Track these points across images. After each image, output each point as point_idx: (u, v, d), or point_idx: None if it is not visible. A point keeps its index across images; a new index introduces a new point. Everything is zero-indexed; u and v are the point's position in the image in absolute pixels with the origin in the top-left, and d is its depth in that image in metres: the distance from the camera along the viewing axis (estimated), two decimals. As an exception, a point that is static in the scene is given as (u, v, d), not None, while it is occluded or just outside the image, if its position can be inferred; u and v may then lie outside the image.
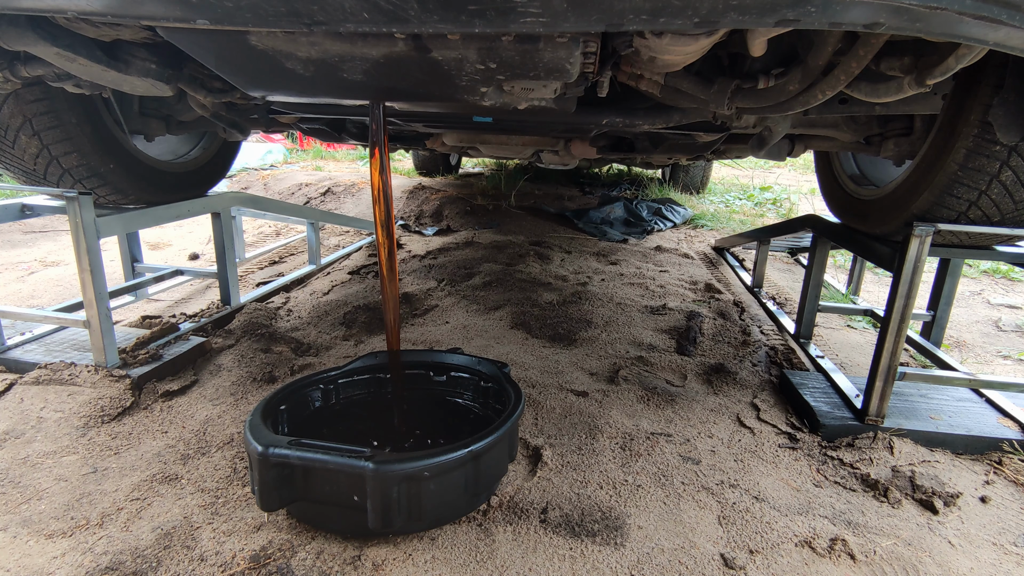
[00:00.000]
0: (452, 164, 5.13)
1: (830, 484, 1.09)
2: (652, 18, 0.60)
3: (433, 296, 2.08)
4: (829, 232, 1.60)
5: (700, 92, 0.98)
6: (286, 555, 0.85)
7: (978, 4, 0.56)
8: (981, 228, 1.12)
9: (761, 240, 2.29)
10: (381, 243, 1.03)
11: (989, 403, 1.32)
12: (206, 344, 1.51)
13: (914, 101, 1.12)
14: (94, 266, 1.29)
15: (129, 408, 1.22)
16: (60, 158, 1.37)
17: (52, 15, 0.78)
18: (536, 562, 0.85)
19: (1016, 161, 1.02)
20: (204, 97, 1.15)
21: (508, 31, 0.64)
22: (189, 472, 1.04)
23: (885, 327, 1.18)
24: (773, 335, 1.85)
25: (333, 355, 1.55)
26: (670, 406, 1.34)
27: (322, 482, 0.83)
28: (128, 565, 0.82)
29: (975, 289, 2.61)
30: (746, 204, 4.57)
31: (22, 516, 0.92)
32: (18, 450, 1.08)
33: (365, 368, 1.18)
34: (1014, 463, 1.16)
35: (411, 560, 0.85)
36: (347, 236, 3.16)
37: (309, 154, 6.76)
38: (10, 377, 1.29)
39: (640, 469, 1.09)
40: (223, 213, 1.72)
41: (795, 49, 0.92)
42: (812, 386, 1.37)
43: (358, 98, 1.01)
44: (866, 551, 0.91)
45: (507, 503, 0.97)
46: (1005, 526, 1.00)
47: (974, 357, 1.87)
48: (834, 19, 0.59)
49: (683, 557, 0.88)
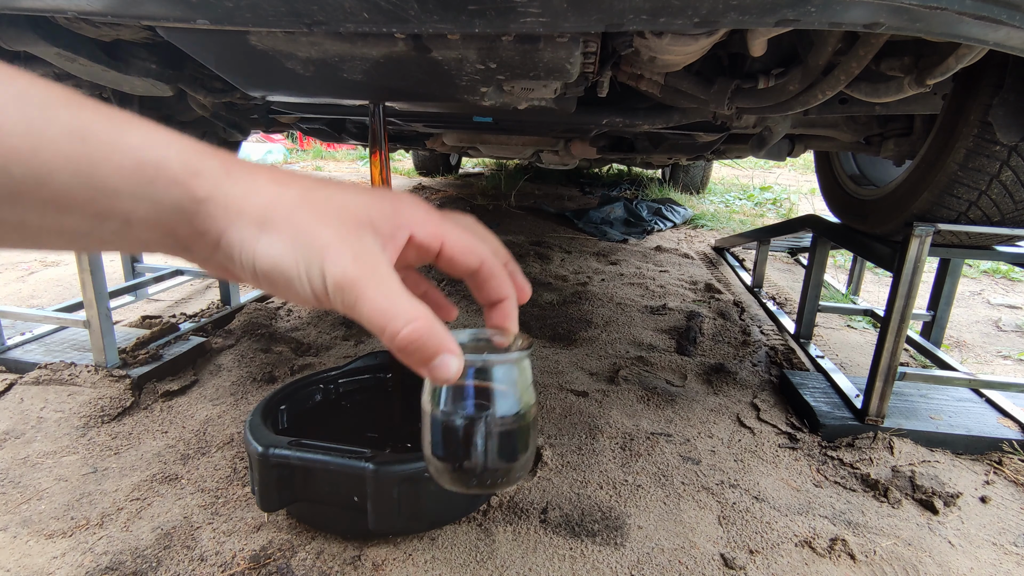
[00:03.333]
0: (452, 164, 5.13)
1: (830, 484, 1.09)
2: (652, 18, 0.60)
3: (433, 296, 2.08)
4: (829, 232, 1.60)
5: (700, 92, 0.98)
6: (286, 555, 0.85)
7: (978, 4, 0.56)
8: (981, 228, 1.12)
9: (761, 240, 2.29)
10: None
11: (989, 403, 1.32)
12: (206, 344, 1.51)
13: (914, 101, 1.12)
14: (94, 266, 1.29)
15: (129, 408, 1.22)
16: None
17: (52, 15, 0.78)
18: (536, 562, 0.85)
19: (1016, 161, 1.02)
20: (204, 97, 1.15)
21: (508, 31, 0.64)
22: (189, 472, 1.04)
23: (885, 327, 1.18)
24: (773, 335, 1.85)
25: (333, 355, 1.55)
26: (670, 406, 1.34)
27: (322, 482, 0.83)
28: (128, 565, 0.82)
29: (975, 289, 2.61)
30: (746, 204, 4.57)
31: (22, 516, 0.92)
32: (18, 450, 1.08)
33: (365, 368, 1.18)
34: (1014, 463, 1.16)
35: (411, 560, 0.85)
36: (347, 236, 3.16)
37: (309, 154, 6.76)
38: (10, 377, 1.29)
39: (640, 469, 1.09)
40: (223, 213, 1.72)
41: (795, 49, 0.92)
42: (812, 386, 1.37)
43: (358, 98, 1.01)
44: (866, 551, 0.91)
45: (507, 503, 0.97)
46: (1005, 526, 1.00)
47: (974, 357, 1.87)
48: (834, 19, 0.59)
49: (683, 557, 0.88)
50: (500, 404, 0.38)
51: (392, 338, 0.29)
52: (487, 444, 0.37)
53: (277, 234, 0.29)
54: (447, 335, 0.31)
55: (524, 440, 0.39)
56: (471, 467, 0.37)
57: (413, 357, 0.30)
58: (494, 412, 0.37)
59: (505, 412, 0.37)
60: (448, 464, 0.38)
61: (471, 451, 0.37)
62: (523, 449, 0.39)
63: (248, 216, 0.29)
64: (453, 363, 0.31)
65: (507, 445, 0.38)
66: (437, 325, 0.30)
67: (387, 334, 0.29)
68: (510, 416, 0.38)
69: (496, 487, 0.39)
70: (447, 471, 0.38)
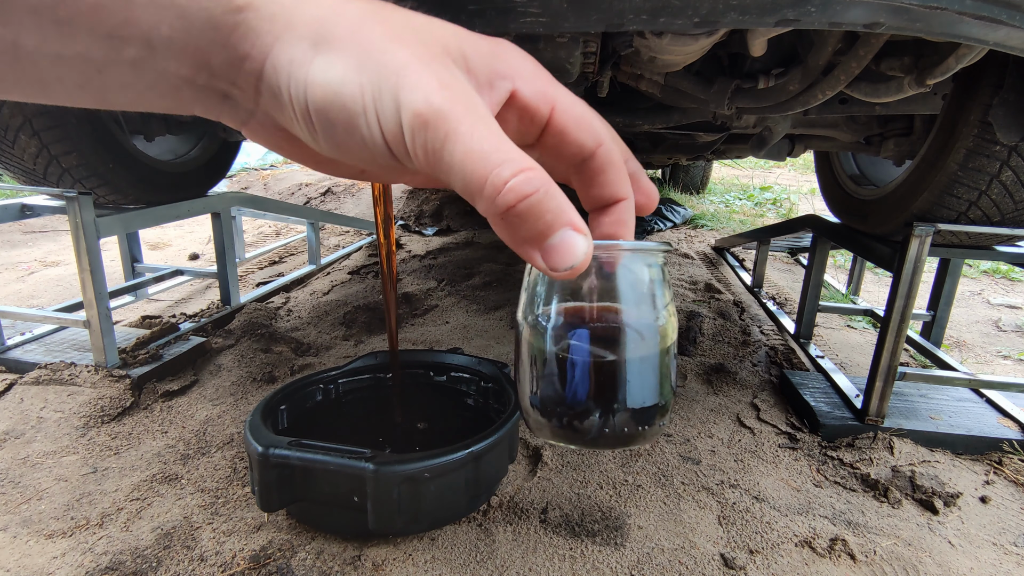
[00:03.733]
0: (452, 164, 5.13)
1: (830, 484, 1.09)
2: (652, 18, 0.60)
3: (433, 296, 2.08)
4: (829, 232, 1.60)
5: (700, 92, 0.98)
6: (286, 555, 0.85)
7: (978, 4, 0.56)
8: (981, 228, 1.12)
9: (761, 240, 2.29)
10: (381, 243, 1.03)
11: (989, 403, 1.32)
12: (206, 344, 1.51)
13: (914, 101, 1.12)
14: (94, 266, 1.29)
15: (129, 408, 1.22)
16: (60, 158, 1.37)
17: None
18: (536, 562, 0.85)
19: (1016, 161, 1.02)
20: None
21: (508, 31, 0.64)
22: (189, 472, 1.04)
23: (885, 327, 1.18)
24: (773, 335, 1.85)
25: (333, 355, 1.55)
26: (670, 406, 1.34)
27: (322, 483, 0.83)
28: (128, 565, 0.82)
29: (975, 289, 2.61)
30: (746, 204, 4.57)
31: (22, 516, 0.92)
32: (18, 450, 1.08)
33: (365, 368, 1.18)
34: (1014, 463, 1.16)
35: (411, 560, 0.85)
36: (347, 236, 3.16)
37: (309, 154, 6.75)
38: (10, 377, 1.29)
39: (640, 469, 1.09)
40: (223, 213, 1.72)
41: (795, 49, 0.92)
42: (812, 386, 1.37)
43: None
44: (866, 551, 0.91)
45: (507, 503, 0.97)
46: (1005, 526, 1.00)
47: (974, 357, 1.87)
48: (834, 19, 0.59)
49: (683, 557, 0.88)
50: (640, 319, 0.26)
51: (496, 192, 0.20)
52: (622, 378, 0.26)
53: (337, 53, 0.21)
54: (569, 204, 0.21)
55: (668, 373, 0.28)
56: (596, 409, 0.26)
57: (524, 226, 0.21)
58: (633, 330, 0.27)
59: (646, 330, 0.27)
60: (563, 409, 0.27)
61: (599, 389, 0.26)
62: (666, 386, 0.28)
63: (300, 30, 0.21)
64: (580, 243, 0.21)
65: (647, 378, 0.27)
66: (556, 187, 0.21)
67: (489, 187, 0.20)
68: (651, 337, 0.27)
69: (629, 441, 0.28)
70: (560, 418, 0.27)
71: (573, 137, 0.25)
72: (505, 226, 0.21)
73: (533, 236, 0.21)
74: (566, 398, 0.26)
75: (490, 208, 0.21)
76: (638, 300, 0.27)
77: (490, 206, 0.21)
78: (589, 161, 0.26)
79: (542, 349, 0.27)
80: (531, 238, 0.21)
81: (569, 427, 0.27)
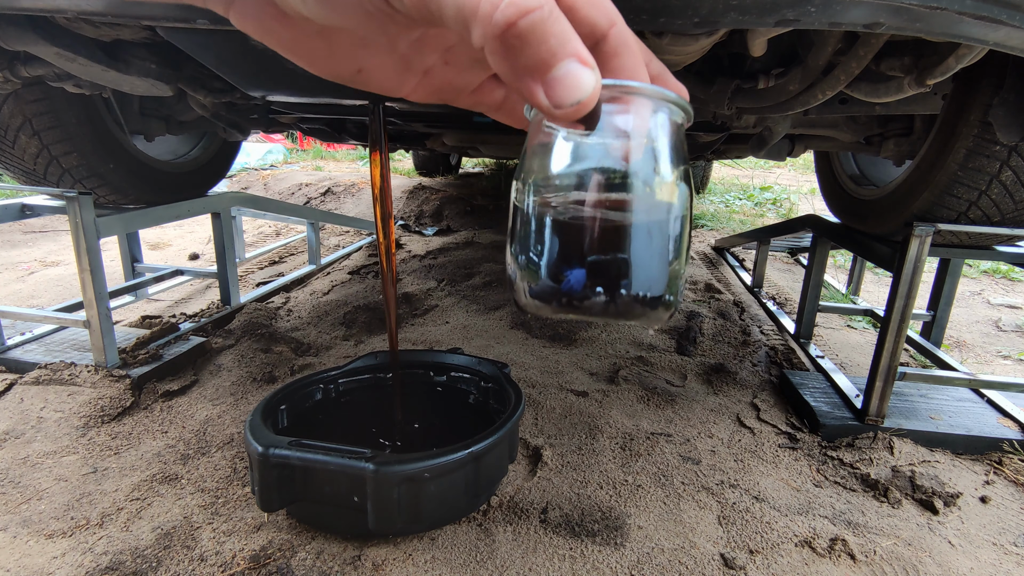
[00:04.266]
0: (452, 164, 5.13)
1: (830, 484, 1.09)
2: (652, 18, 0.60)
3: (433, 296, 2.08)
4: (829, 232, 1.60)
5: (700, 92, 0.98)
6: (286, 555, 0.85)
7: (978, 4, 0.56)
8: (981, 228, 1.12)
9: (761, 240, 2.29)
10: (381, 243, 1.03)
11: (989, 403, 1.32)
12: (206, 344, 1.51)
13: (914, 101, 1.12)
14: (94, 266, 1.29)
15: (129, 408, 1.22)
16: (60, 158, 1.37)
17: (52, 15, 0.78)
18: (536, 562, 0.85)
19: (1016, 161, 1.02)
20: (204, 97, 1.15)
21: (508, 31, 0.64)
22: (189, 472, 1.04)
23: (885, 327, 1.18)
24: (773, 335, 1.85)
25: (333, 355, 1.55)
26: (670, 406, 1.34)
27: (322, 483, 0.83)
28: (128, 565, 0.82)
29: (975, 289, 2.61)
30: (746, 204, 4.57)
31: (22, 516, 0.92)
32: (18, 450, 1.08)
33: (365, 368, 1.18)
34: (1014, 463, 1.16)
35: (411, 560, 0.85)
36: (347, 236, 3.16)
37: (309, 154, 6.76)
38: (10, 377, 1.29)
39: (640, 469, 1.09)
40: (223, 213, 1.72)
41: (795, 49, 0.92)
42: (812, 386, 1.37)
43: (358, 98, 1.01)
44: (866, 551, 0.91)
45: (507, 503, 0.97)
46: (1005, 526, 1.00)
47: (974, 357, 1.87)
48: (834, 19, 0.59)
49: (683, 557, 0.88)
50: (650, 176, 0.23)
51: (493, 7, 0.17)
52: (631, 239, 0.23)
53: None
54: (575, 33, 0.19)
55: (682, 239, 0.25)
56: (599, 273, 0.23)
57: (525, 51, 0.18)
58: (645, 184, 0.23)
59: (660, 186, 0.23)
60: (566, 272, 0.23)
61: (605, 249, 0.23)
62: (681, 254, 0.25)
63: None
64: (587, 76, 0.19)
65: (658, 242, 0.24)
66: (560, 12, 0.19)
67: (483, 9, 0.18)
68: (664, 197, 0.24)
69: (630, 315, 0.24)
70: (558, 282, 0.23)
71: (583, 14, 0.21)
72: (504, 54, 0.18)
73: (535, 65, 0.18)
74: (569, 260, 0.23)
75: (487, 30, 0.18)
76: (649, 155, 0.24)
77: (487, 27, 0.18)
78: (602, 44, 0.23)
79: (544, 208, 0.24)
80: (533, 67, 0.18)
81: (571, 292, 0.24)
